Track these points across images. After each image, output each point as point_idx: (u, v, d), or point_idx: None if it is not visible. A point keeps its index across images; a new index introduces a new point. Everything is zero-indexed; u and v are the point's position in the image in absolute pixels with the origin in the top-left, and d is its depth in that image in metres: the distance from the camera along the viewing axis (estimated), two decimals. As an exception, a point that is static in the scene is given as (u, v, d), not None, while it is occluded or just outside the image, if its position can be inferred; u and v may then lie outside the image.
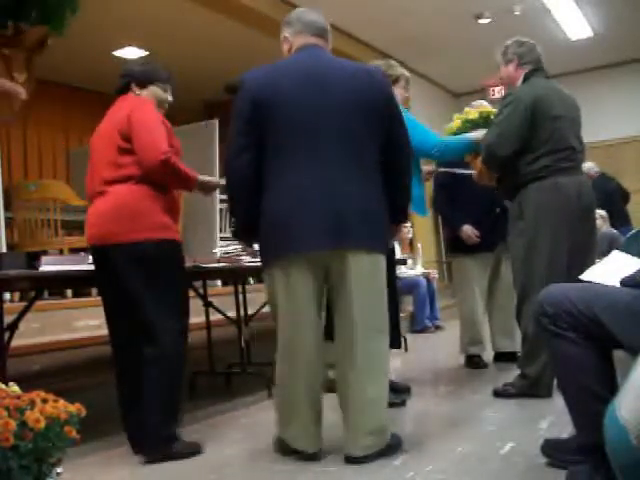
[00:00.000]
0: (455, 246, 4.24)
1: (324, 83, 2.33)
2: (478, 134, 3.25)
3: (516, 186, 3.12)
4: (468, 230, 4.09)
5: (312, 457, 2.36)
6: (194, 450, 2.60)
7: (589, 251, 3.08)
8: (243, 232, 2.55)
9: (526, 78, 3.23)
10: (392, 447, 2.38)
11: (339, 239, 2.26)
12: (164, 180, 2.59)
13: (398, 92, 3.31)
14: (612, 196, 6.96)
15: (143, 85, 2.76)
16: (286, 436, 2.41)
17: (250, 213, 2.39)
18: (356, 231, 2.28)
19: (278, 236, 2.32)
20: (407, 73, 3.43)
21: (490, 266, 4.19)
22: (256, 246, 2.49)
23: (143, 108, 2.63)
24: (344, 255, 2.28)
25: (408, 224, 6.22)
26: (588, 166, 7.11)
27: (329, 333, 2.42)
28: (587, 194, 3.11)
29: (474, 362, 4.14)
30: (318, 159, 2.30)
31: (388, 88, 2.43)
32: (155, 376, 2.53)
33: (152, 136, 2.54)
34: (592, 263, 2.68)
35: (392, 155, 2.41)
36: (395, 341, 3.30)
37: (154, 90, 2.78)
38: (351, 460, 2.31)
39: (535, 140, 3.04)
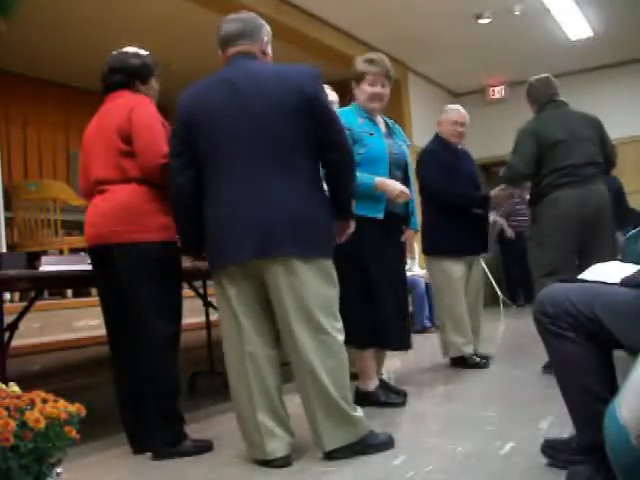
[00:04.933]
0: (438, 248, 4.20)
1: (241, 95, 2.33)
2: (380, 179, 3.11)
3: (533, 202, 3.82)
4: (497, 190, 4.12)
5: (283, 461, 2.35)
6: (203, 447, 2.61)
7: (599, 250, 3.54)
8: (187, 247, 2.57)
9: (539, 111, 3.88)
10: (370, 444, 2.40)
11: (262, 249, 2.29)
12: (163, 182, 2.59)
13: (362, 89, 3.26)
14: (620, 195, 6.95)
15: (144, 80, 2.72)
16: (249, 448, 2.44)
17: (192, 229, 2.46)
18: (282, 240, 2.28)
19: (211, 250, 2.43)
20: (373, 69, 3.26)
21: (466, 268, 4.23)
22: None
23: (144, 109, 2.60)
24: (273, 264, 2.30)
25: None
26: None
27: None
28: (591, 201, 3.60)
29: (475, 361, 4.13)
30: (243, 172, 2.33)
31: (310, 90, 2.32)
32: (150, 378, 2.53)
33: (153, 139, 2.54)
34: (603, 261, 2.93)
35: (326, 154, 2.39)
36: (405, 342, 3.30)
37: (153, 84, 2.77)
38: (327, 456, 2.37)
39: (541, 164, 3.66)
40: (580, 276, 1.98)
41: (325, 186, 2.46)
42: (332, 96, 3.59)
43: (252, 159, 2.33)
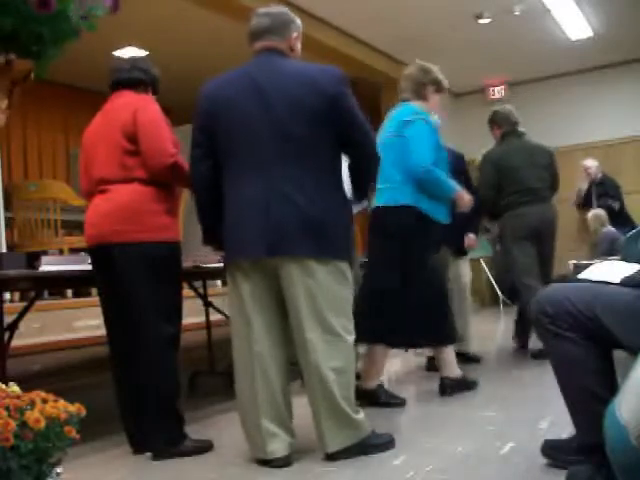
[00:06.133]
0: None
1: (266, 92, 2.34)
2: (460, 190, 3.32)
3: (497, 216, 4.56)
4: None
5: (283, 462, 2.35)
6: (203, 447, 2.61)
7: (551, 256, 4.47)
8: (206, 236, 2.57)
9: (502, 138, 4.57)
10: (371, 444, 2.40)
11: (274, 248, 2.30)
12: (169, 181, 2.60)
13: (437, 100, 3.41)
14: (621, 194, 6.97)
15: (155, 92, 2.77)
16: (250, 446, 2.44)
17: (212, 218, 2.48)
18: (295, 240, 2.29)
19: (227, 244, 2.43)
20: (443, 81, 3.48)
21: None
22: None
23: (150, 109, 2.61)
24: (288, 262, 2.31)
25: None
26: (589, 164, 7.10)
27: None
28: (547, 216, 4.42)
29: (433, 363, 4.01)
30: (262, 169, 2.33)
31: (332, 91, 2.33)
32: (150, 378, 2.53)
33: (160, 138, 2.54)
34: (549, 263, 4.43)
35: (350, 151, 2.43)
36: (446, 336, 3.34)
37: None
38: (328, 457, 2.36)
39: (503, 185, 4.40)
40: (580, 276, 1.99)
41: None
42: None
43: (271, 158, 2.33)
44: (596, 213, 6.55)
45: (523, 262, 4.34)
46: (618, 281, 1.82)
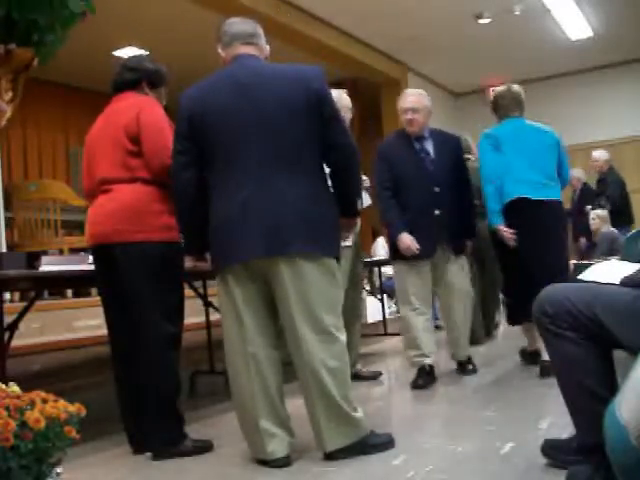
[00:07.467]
0: (394, 251, 3.78)
1: (253, 93, 2.33)
2: None
3: None
4: (406, 239, 3.58)
5: (283, 462, 2.35)
6: (203, 447, 2.61)
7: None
8: (190, 247, 2.55)
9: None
10: (370, 444, 2.40)
11: (273, 248, 2.29)
12: (169, 181, 2.60)
13: None
14: (625, 193, 6.96)
15: (154, 85, 2.75)
16: (250, 447, 2.44)
17: (196, 228, 2.46)
18: (293, 239, 2.29)
19: (219, 249, 2.40)
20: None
21: (430, 272, 3.73)
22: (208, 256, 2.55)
23: (153, 110, 2.61)
24: (281, 263, 2.30)
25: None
26: (596, 156, 7.08)
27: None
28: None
29: (421, 373, 3.67)
30: (255, 169, 2.32)
31: (321, 89, 2.36)
32: (150, 378, 2.53)
33: (162, 139, 2.54)
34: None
35: (331, 155, 2.40)
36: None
37: (161, 92, 2.79)
38: (327, 456, 2.36)
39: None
40: (580, 276, 1.99)
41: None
42: (346, 101, 3.57)
43: (263, 159, 2.32)
44: (598, 213, 6.54)
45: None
46: (618, 281, 1.82)
